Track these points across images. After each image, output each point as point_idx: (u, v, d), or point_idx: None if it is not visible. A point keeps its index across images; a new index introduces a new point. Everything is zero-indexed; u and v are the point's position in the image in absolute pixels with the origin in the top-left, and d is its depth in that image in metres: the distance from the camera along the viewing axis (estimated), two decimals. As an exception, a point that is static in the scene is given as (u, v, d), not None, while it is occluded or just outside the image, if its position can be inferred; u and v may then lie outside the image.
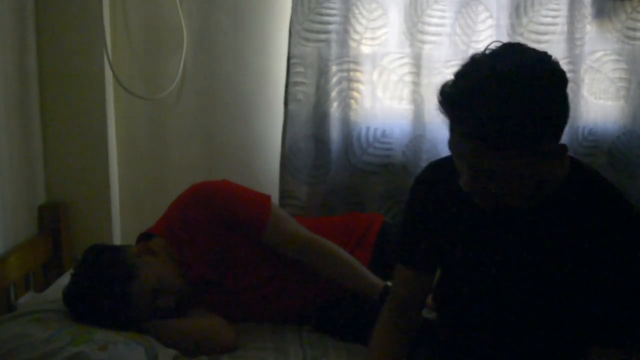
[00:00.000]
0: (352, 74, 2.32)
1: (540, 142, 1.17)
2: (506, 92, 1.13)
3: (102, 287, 1.71)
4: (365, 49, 2.32)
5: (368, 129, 2.35)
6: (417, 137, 2.34)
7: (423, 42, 2.30)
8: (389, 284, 1.80)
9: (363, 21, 2.29)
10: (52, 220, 2.22)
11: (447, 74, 2.31)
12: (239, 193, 1.97)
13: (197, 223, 1.89)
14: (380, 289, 1.83)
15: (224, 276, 1.92)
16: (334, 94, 2.31)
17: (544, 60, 1.20)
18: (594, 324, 1.26)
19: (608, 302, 1.24)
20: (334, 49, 2.29)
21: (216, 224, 1.89)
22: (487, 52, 1.21)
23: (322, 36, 2.28)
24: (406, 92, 2.33)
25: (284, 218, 1.98)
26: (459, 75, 1.19)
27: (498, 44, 1.23)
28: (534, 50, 1.23)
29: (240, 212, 1.91)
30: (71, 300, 1.74)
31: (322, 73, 2.29)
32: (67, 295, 1.75)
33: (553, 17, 2.31)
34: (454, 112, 1.19)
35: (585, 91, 2.37)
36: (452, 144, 1.24)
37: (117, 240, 2.37)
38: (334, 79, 2.31)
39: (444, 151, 1.36)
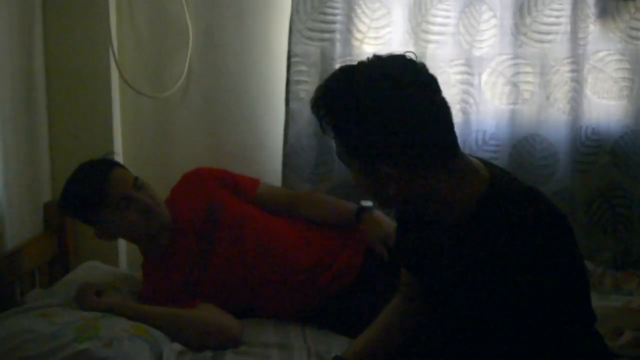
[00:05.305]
0: (355, 72, 2.32)
1: (361, 157, 1.27)
2: (337, 104, 1.26)
3: (86, 172, 1.94)
4: (369, 48, 2.32)
5: (371, 127, 2.36)
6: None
7: (427, 41, 2.31)
8: (363, 203, 2.04)
9: (366, 20, 2.30)
10: (57, 217, 2.23)
11: (451, 73, 2.33)
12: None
13: (194, 181, 2.14)
14: (355, 210, 2.05)
15: (210, 232, 2.01)
16: (336, 92, 2.32)
17: (382, 86, 1.22)
18: (529, 338, 1.26)
19: (535, 311, 1.24)
20: (338, 48, 2.30)
21: (212, 181, 2.13)
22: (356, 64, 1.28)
23: (326, 35, 2.29)
24: (409, 91, 2.34)
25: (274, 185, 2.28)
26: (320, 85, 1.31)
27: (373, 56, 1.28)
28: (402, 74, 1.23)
29: (236, 175, 2.18)
30: (63, 193, 1.95)
31: (325, 72, 2.29)
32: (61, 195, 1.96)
33: (556, 16, 2.32)
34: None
35: (588, 91, 2.38)
36: None
37: (122, 240, 2.37)
38: (337, 78, 2.31)
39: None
